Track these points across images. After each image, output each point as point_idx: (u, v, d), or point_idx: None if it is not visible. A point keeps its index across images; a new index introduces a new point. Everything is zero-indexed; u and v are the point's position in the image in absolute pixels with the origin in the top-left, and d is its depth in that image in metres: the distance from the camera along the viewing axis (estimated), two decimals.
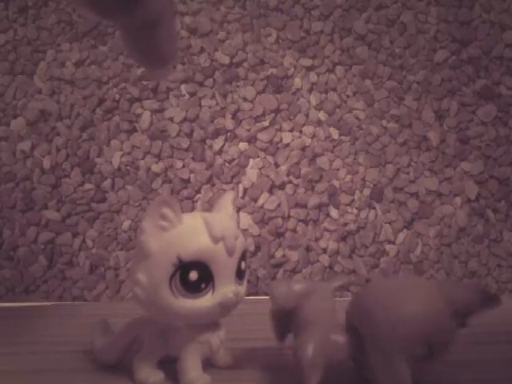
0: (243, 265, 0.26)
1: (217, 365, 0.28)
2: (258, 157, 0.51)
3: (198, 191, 0.51)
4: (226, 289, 0.25)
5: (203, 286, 0.24)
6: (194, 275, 0.24)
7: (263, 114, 0.51)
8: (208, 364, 0.27)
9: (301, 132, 0.52)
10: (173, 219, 0.24)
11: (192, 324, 0.26)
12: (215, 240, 0.24)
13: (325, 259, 0.51)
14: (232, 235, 0.25)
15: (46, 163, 0.50)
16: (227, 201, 0.27)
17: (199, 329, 0.26)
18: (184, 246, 0.24)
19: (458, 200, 0.52)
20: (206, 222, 0.25)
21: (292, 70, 0.52)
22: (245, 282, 0.27)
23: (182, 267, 0.24)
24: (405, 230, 0.51)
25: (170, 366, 0.27)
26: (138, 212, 0.50)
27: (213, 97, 0.51)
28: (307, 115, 0.52)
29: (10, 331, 0.33)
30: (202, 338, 0.26)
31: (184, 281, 0.24)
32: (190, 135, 0.51)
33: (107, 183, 0.51)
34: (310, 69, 0.52)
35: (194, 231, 0.25)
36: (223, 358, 0.28)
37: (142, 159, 0.51)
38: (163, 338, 0.26)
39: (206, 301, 0.24)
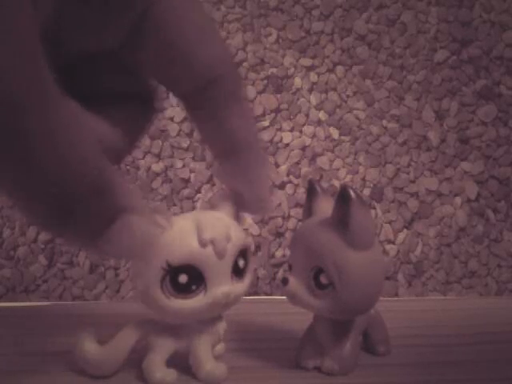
0: (241, 263, 0.26)
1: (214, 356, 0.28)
2: None
3: (199, 191, 0.51)
4: (217, 289, 0.25)
5: (194, 287, 0.25)
6: (183, 278, 0.24)
7: (263, 114, 0.51)
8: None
9: (301, 132, 0.52)
10: (162, 225, 0.24)
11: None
12: (203, 244, 0.24)
13: None
14: (222, 238, 0.25)
15: None
16: (224, 199, 0.27)
17: (208, 320, 0.27)
18: (172, 250, 0.24)
19: (458, 200, 0.52)
20: (196, 225, 0.25)
21: (292, 69, 0.52)
22: (246, 279, 0.27)
23: (172, 270, 0.24)
24: (405, 230, 0.51)
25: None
26: None
27: None
28: (307, 115, 0.52)
29: (9, 331, 0.33)
30: (212, 328, 0.27)
31: (174, 283, 0.24)
32: (190, 135, 0.51)
33: None
34: (310, 69, 0.52)
35: (183, 236, 0.25)
36: (220, 349, 0.28)
37: (142, 159, 0.51)
38: (172, 334, 0.27)
39: (196, 301, 0.25)
